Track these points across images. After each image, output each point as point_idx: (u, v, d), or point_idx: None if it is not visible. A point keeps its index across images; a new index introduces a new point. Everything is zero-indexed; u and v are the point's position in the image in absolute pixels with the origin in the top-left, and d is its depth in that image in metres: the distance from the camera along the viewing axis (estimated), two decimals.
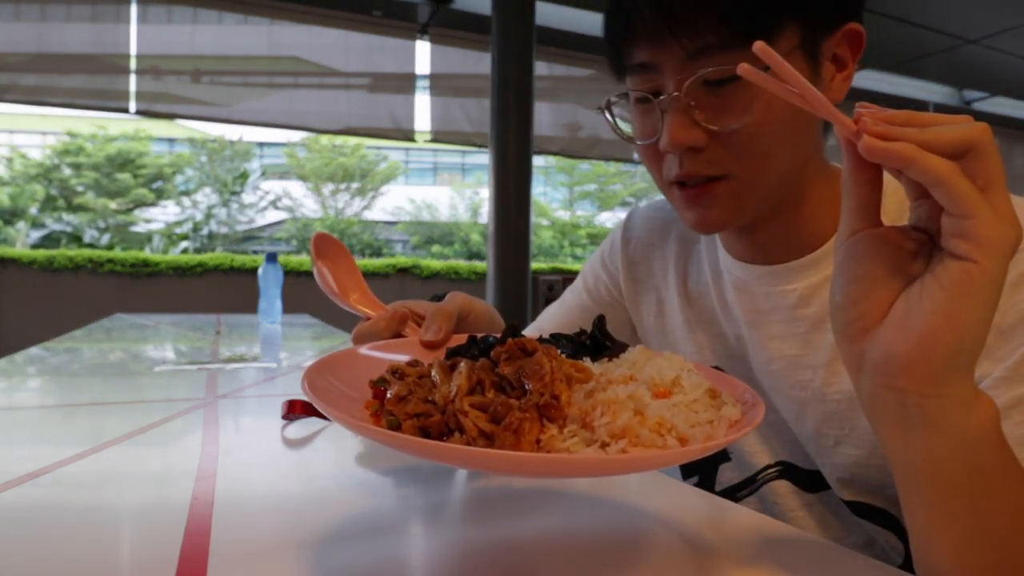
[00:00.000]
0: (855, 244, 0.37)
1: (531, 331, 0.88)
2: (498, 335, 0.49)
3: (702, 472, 0.73)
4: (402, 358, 0.47)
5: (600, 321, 0.48)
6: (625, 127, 0.63)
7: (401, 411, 0.36)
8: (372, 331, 0.56)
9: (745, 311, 0.66)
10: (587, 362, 0.43)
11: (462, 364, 0.38)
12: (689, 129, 0.53)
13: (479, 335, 0.50)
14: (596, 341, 0.47)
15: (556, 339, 0.49)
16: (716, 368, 0.69)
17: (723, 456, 0.71)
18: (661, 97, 0.54)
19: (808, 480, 0.65)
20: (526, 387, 0.36)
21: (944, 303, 0.33)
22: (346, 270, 0.64)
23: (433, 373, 0.39)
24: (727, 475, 0.71)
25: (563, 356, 0.41)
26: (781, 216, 0.61)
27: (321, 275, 0.62)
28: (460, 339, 0.52)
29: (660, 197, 0.84)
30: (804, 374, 0.61)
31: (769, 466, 0.67)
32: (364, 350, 0.49)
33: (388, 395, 0.38)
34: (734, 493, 0.70)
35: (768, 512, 0.66)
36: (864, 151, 0.33)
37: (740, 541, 0.47)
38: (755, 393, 0.40)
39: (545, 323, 0.88)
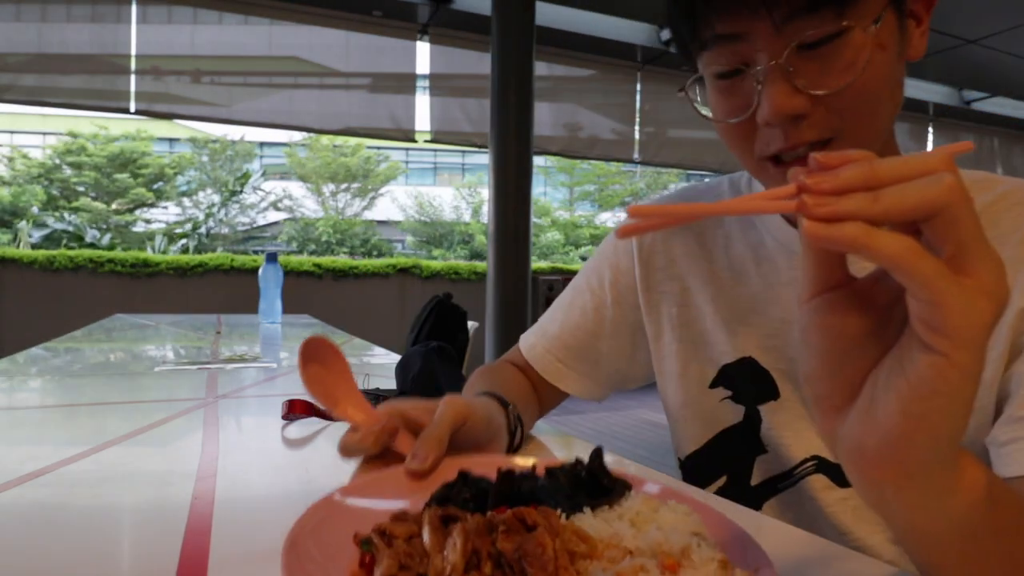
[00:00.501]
0: (816, 312, 0.31)
1: (532, 336, 0.87)
2: (496, 458, 0.47)
3: (737, 466, 0.72)
4: (386, 505, 0.45)
5: (597, 455, 0.46)
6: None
7: None
8: (360, 447, 0.55)
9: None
10: (587, 515, 0.41)
11: (456, 534, 0.35)
12: (792, 97, 0.51)
13: (472, 467, 0.47)
14: (594, 477, 0.44)
15: (552, 474, 0.46)
16: (748, 359, 0.69)
17: (760, 448, 0.70)
18: (757, 68, 0.52)
19: (839, 474, 0.64)
20: (527, 574, 0.33)
21: (912, 403, 0.29)
22: (337, 374, 0.62)
23: (424, 535, 0.37)
24: (764, 467, 0.69)
25: (563, 517, 0.39)
26: None
27: (308, 381, 0.60)
28: (451, 465, 0.50)
29: (659, 195, 0.84)
30: None
31: (806, 460, 0.66)
32: (346, 500, 0.45)
33: (376, 572, 0.36)
34: (775, 484, 0.69)
35: (806, 506, 0.66)
36: (806, 238, 0.28)
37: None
38: (770, 564, 0.37)
39: (549, 325, 0.86)
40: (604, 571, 0.34)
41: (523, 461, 0.50)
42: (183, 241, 12.07)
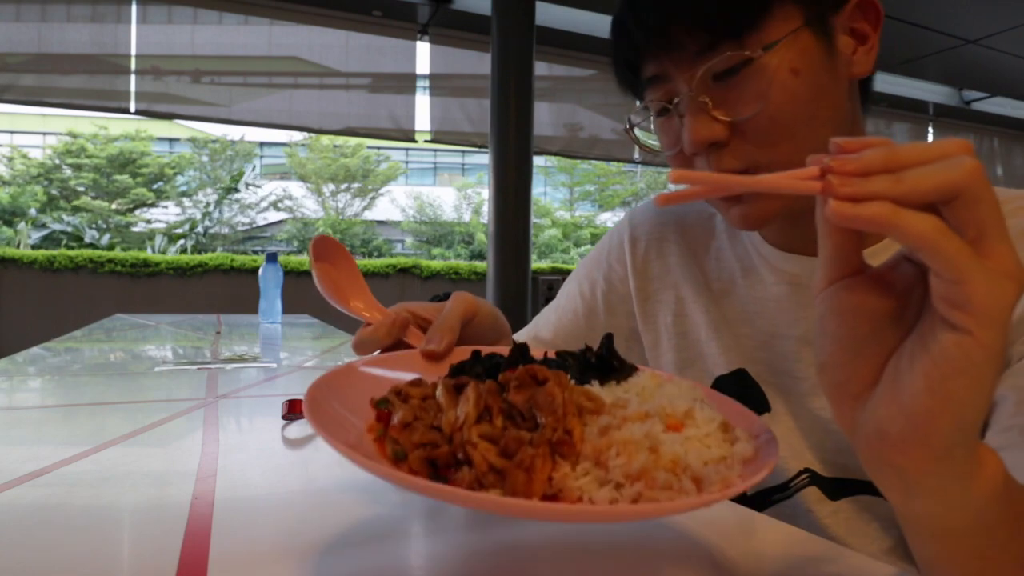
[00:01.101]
0: (834, 296, 0.32)
1: (526, 335, 0.87)
2: (504, 349, 0.48)
3: None
4: (403, 375, 0.47)
5: (608, 340, 0.47)
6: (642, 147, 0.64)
7: (407, 440, 0.35)
8: (373, 338, 0.55)
9: (801, 306, 0.64)
10: (595, 386, 0.42)
11: (469, 389, 0.37)
12: (707, 125, 0.54)
13: (484, 350, 0.49)
14: (603, 361, 0.46)
15: (562, 357, 0.47)
16: (740, 370, 0.68)
17: None
18: (676, 100, 0.55)
19: (830, 487, 0.64)
20: (538, 420, 0.35)
21: (939, 382, 0.29)
22: (347, 274, 0.62)
23: (438, 395, 0.38)
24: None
25: (572, 383, 0.40)
26: None
27: (320, 278, 0.61)
28: (463, 352, 0.51)
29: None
30: None
31: (800, 473, 0.66)
32: (364, 368, 0.47)
33: (392, 420, 0.37)
34: (768, 496, 0.68)
35: (800, 520, 0.65)
36: (833, 218, 0.28)
37: (756, 547, 0.47)
38: (769, 430, 0.38)
39: (541, 330, 0.86)
40: (610, 418, 0.36)
41: (536, 350, 0.51)
42: (181, 241, 12.07)
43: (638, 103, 0.62)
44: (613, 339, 0.47)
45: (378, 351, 0.55)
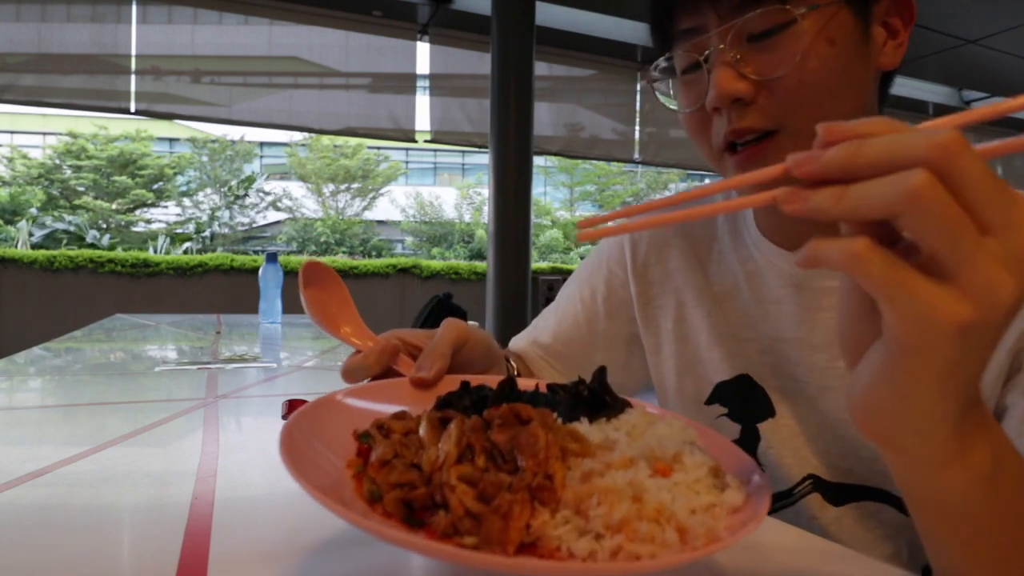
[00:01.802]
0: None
1: (524, 339, 0.87)
2: (494, 381, 0.46)
3: None
4: (386, 407, 0.45)
5: (600, 373, 0.46)
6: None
7: (383, 480, 0.34)
8: (362, 365, 0.54)
9: (806, 309, 0.64)
10: (584, 424, 0.41)
11: (452, 426, 0.36)
12: (735, 80, 0.53)
13: (474, 380, 0.47)
14: (595, 395, 0.44)
15: (553, 390, 0.46)
16: (744, 376, 0.68)
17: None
18: (707, 53, 0.55)
19: (834, 493, 0.63)
20: (518, 463, 0.33)
21: (875, 384, 0.30)
22: (337, 300, 0.61)
23: (421, 430, 0.37)
24: None
25: (559, 423, 0.38)
26: None
27: (310, 305, 0.59)
28: (453, 381, 0.49)
29: (659, 197, 0.83)
30: None
31: (804, 479, 0.65)
32: (347, 399, 0.46)
33: (372, 457, 0.36)
34: (771, 504, 0.68)
35: (803, 526, 0.64)
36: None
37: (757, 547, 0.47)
38: (763, 474, 0.37)
39: (540, 334, 0.85)
40: (594, 462, 0.34)
41: (527, 381, 0.50)
42: (187, 244, 12.07)
43: (660, 62, 0.61)
44: (606, 372, 0.46)
45: (367, 379, 0.54)
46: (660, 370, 0.77)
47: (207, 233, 13.15)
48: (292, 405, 0.83)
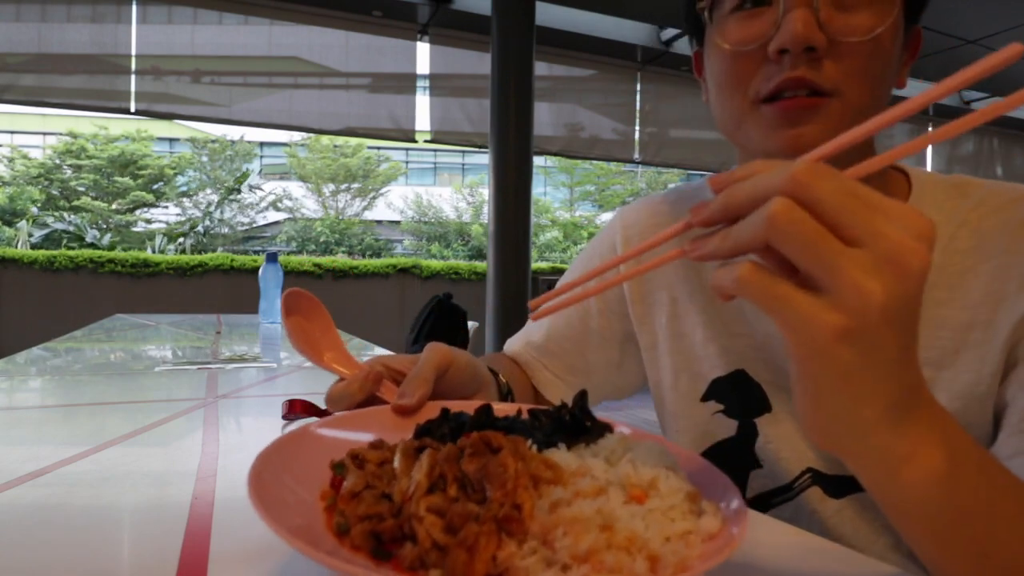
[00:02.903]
0: None
1: (519, 341, 0.86)
2: (474, 407, 0.45)
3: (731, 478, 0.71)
4: (366, 437, 0.44)
5: (581, 398, 0.45)
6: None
7: (352, 512, 0.34)
8: (346, 393, 0.53)
9: None
10: (561, 450, 0.40)
11: (424, 456, 0.35)
12: (813, 28, 0.51)
13: (455, 406, 0.47)
14: (576, 420, 0.43)
15: (535, 416, 0.45)
16: (739, 371, 0.68)
17: (754, 463, 0.68)
18: (774, 6, 0.53)
19: (834, 486, 0.63)
20: (487, 492, 0.33)
21: (796, 379, 0.32)
22: (320, 327, 0.61)
23: (396, 460, 0.37)
24: (759, 481, 0.68)
25: (533, 450, 0.38)
26: None
27: (292, 333, 0.59)
28: (436, 407, 0.49)
29: (655, 194, 0.82)
30: None
31: (803, 473, 0.65)
32: (323, 430, 0.45)
33: (343, 487, 0.35)
34: (768, 500, 0.67)
35: (804, 520, 0.64)
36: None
37: (755, 547, 0.47)
38: (741, 500, 0.36)
39: (533, 334, 0.85)
40: (564, 490, 0.34)
41: (508, 407, 0.49)
42: (180, 240, 12.06)
43: None
44: (587, 397, 0.45)
45: (351, 407, 0.54)
46: (656, 367, 0.77)
47: (200, 228, 13.13)
48: (292, 405, 0.83)
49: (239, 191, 14.01)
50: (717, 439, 0.71)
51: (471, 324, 3.67)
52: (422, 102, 5.27)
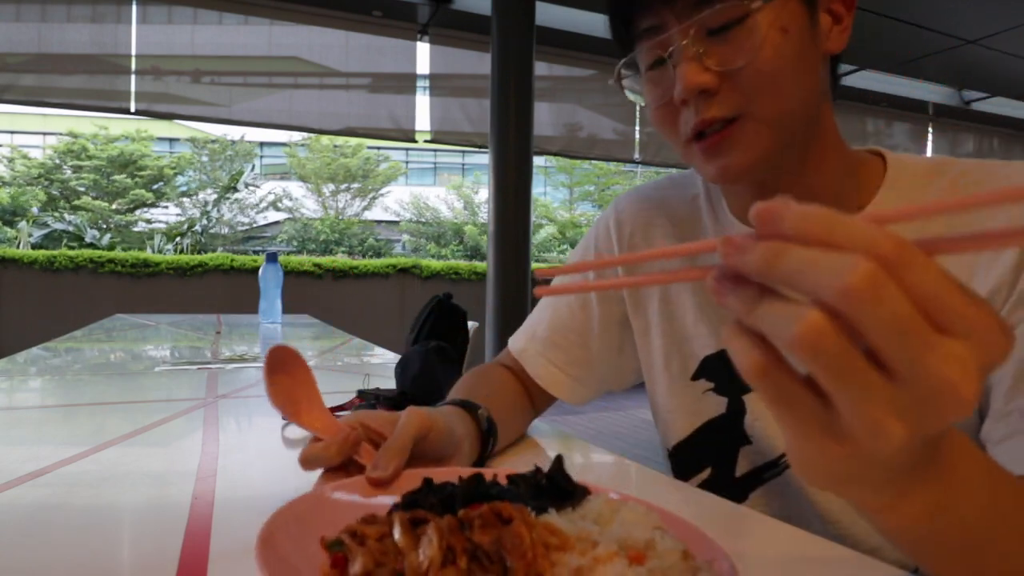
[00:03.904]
0: None
1: (523, 335, 0.87)
2: (454, 475, 0.45)
3: (722, 457, 0.72)
4: (352, 512, 0.43)
5: (558, 462, 0.45)
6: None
7: None
8: (322, 456, 0.53)
9: None
10: (553, 516, 0.40)
11: (431, 530, 0.35)
12: (700, 73, 0.56)
13: (436, 476, 0.46)
14: (553, 483, 0.44)
15: (513, 482, 0.45)
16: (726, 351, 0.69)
17: (744, 439, 0.70)
18: (671, 50, 0.58)
19: None
20: (507, 563, 0.33)
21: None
22: (303, 384, 0.60)
23: (396, 535, 0.37)
24: (749, 458, 0.70)
25: (534, 517, 0.38)
26: (795, 182, 0.62)
27: (272, 391, 0.58)
28: (412, 475, 0.49)
29: (648, 184, 0.84)
30: None
31: None
32: (304, 509, 0.45)
33: (352, 569, 0.35)
34: (760, 475, 0.69)
35: (792, 496, 0.66)
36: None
37: (754, 546, 0.47)
38: (731, 560, 0.37)
39: (537, 327, 0.86)
40: (581, 558, 0.35)
41: (484, 471, 0.49)
42: (178, 239, 12.05)
43: (625, 61, 0.65)
44: (563, 461, 0.45)
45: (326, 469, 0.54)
46: (648, 350, 0.79)
47: (198, 228, 13.12)
48: None
49: (235, 189, 14.00)
50: (707, 417, 0.73)
51: (471, 324, 3.67)
52: (422, 102, 5.27)
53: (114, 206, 13.24)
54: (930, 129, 7.20)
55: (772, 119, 0.57)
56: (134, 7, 4.55)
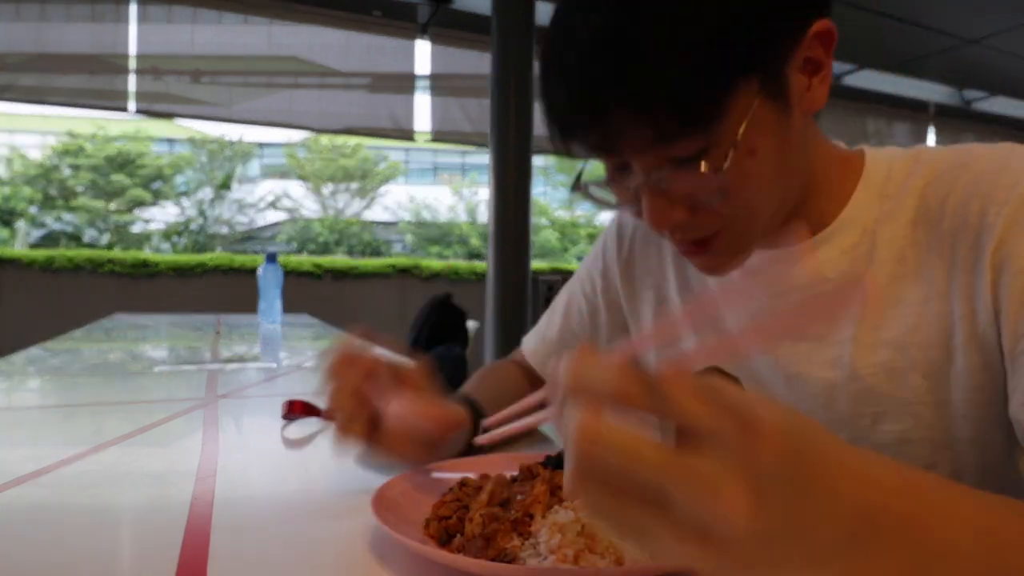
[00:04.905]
0: None
1: (534, 337, 0.89)
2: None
3: None
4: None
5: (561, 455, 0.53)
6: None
7: (433, 513, 0.48)
8: (351, 433, 0.58)
9: (760, 297, 0.64)
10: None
11: (489, 482, 0.51)
12: (668, 210, 0.51)
13: (555, 454, 0.57)
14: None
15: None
16: (715, 368, 0.69)
17: None
18: (631, 176, 0.52)
19: None
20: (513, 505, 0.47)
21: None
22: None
23: (487, 486, 0.51)
24: None
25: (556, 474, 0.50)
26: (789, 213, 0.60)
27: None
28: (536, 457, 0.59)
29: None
30: (832, 351, 0.58)
31: None
32: (423, 475, 0.57)
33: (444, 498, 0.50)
34: None
35: None
36: None
37: None
38: None
39: (548, 329, 0.87)
40: (561, 507, 0.45)
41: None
42: (175, 238, 12.04)
43: (584, 167, 0.56)
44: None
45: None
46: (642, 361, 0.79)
47: (195, 227, 13.12)
48: (292, 405, 0.83)
49: (228, 187, 14.01)
50: None
51: (471, 324, 3.67)
52: (422, 102, 5.27)
53: (112, 205, 13.23)
54: (931, 129, 7.20)
55: (751, 227, 0.54)
56: (134, 7, 4.55)
